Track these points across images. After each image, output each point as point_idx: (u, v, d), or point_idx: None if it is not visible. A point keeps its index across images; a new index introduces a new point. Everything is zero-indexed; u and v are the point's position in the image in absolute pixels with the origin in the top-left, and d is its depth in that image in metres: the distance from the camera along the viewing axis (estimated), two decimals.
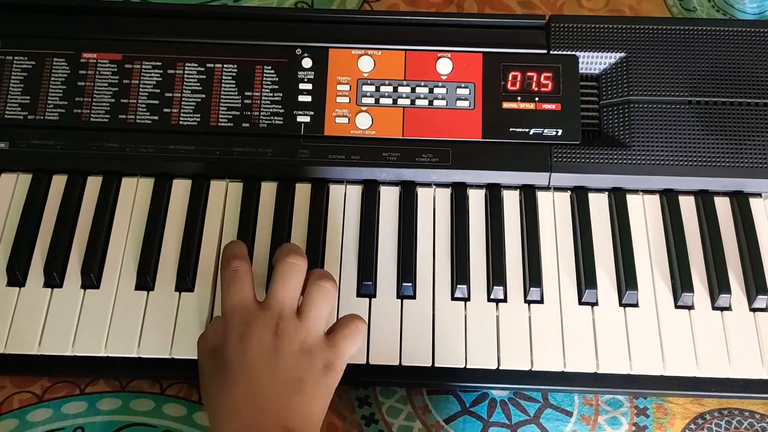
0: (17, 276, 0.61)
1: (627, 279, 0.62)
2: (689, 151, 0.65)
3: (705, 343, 0.60)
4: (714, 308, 0.62)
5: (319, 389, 0.53)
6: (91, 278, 0.61)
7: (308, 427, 0.51)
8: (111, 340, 0.60)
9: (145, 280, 0.62)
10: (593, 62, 0.68)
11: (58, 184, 0.66)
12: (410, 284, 0.62)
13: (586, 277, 0.62)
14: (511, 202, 0.66)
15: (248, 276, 0.56)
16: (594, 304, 0.62)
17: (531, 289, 0.62)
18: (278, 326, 0.53)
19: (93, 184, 0.66)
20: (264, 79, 0.67)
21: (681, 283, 0.62)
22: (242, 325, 0.53)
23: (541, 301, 0.62)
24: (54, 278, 0.62)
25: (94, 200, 0.65)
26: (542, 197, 0.66)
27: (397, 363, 0.60)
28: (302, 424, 0.51)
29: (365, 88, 0.67)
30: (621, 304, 0.62)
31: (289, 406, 0.51)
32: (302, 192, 0.66)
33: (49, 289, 0.62)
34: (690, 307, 0.62)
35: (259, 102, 0.66)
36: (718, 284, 0.62)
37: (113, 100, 0.66)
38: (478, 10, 0.82)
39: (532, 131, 0.66)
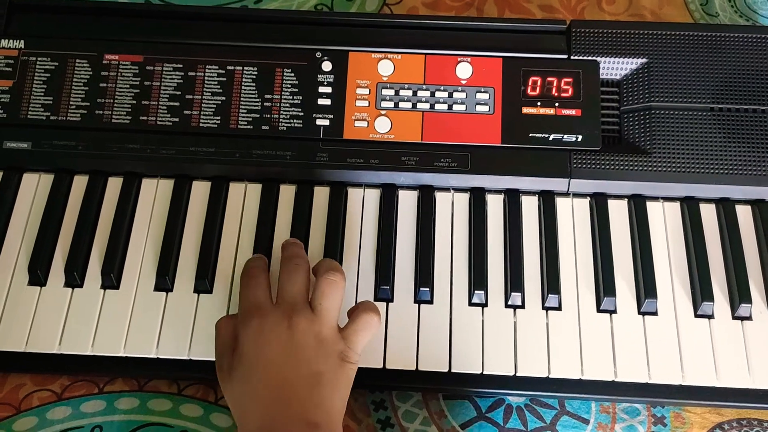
0: (38, 275, 0.62)
1: (646, 287, 0.62)
2: (711, 159, 0.65)
3: (725, 353, 0.60)
4: (734, 318, 0.62)
5: (338, 381, 0.54)
6: (111, 279, 0.62)
7: (330, 419, 0.52)
8: (130, 340, 0.60)
9: (164, 281, 0.62)
10: (614, 68, 0.68)
11: (80, 184, 0.66)
12: (428, 289, 0.62)
13: (604, 285, 0.62)
14: (529, 207, 0.66)
15: (265, 277, 0.58)
16: (612, 311, 0.62)
17: (549, 295, 0.62)
18: (291, 320, 0.54)
19: (114, 185, 0.66)
20: (284, 81, 0.67)
21: (701, 292, 0.61)
22: (257, 324, 0.55)
23: (559, 308, 0.62)
24: (74, 278, 0.62)
25: (114, 201, 0.65)
26: (561, 203, 0.66)
27: (413, 368, 0.60)
28: (325, 417, 0.52)
29: (384, 91, 0.67)
30: (640, 312, 0.62)
31: (311, 400, 0.52)
32: (321, 195, 0.66)
33: (70, 289, 0.62)
34: (710, 317, 0.62)
35: (278, 105, 0.66)
36: (739, 294, 0.61)
37: (134, 102, 0.66)
38: (498, 13, 0.81)
39: (551, 137, 0.66)
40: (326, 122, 0.66)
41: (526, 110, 0.66)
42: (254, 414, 0.52)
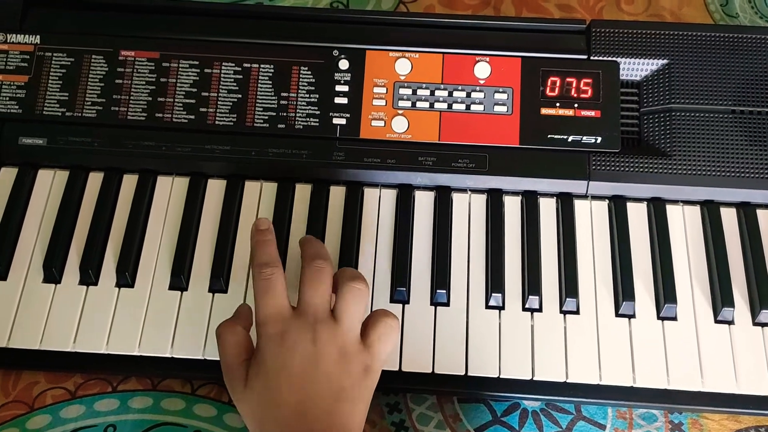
0: (53, 273, 0.62)
1: (666, 292, 0.61)
2: (731, 162, 0.64)
3: (745, 360, 0.59)
4: (755, 324, 0.61)
5: (360, 394, 0.52)
6: (126, 277, 0.62)
7: None
8: (145, 339, 0.60)
9: (179, 280, 0.62)
10: (634, 69, 0.67)
11: (95, 181, 0.66)
12: (444, 291, 0.61)
13: (623, 289, 0.61)
14: (547, 210, 0.65)
15: (281, 282, 0.55)
16: (631, 316, 0.61)
17: (567, 299, 0.61)
18: (316, 332, 0.53)
19: (129, 182, 0.66)
20: (300, 80, 0.66)
21: (721, 297, 0.61)
22: (279, 335, 0.53)
23: (577, 312, 0.61)
24: (89, 276, 0.62)
25: (129, 198, 0.65)
26: (579, 206, 0.65)
27: (429, 371, 0.59)
28: (345, 431, 0.51)
29: (402, 91, 0.66)
30: (659, 318, 0.61)
31: (332, 414, 0.51)
32: (336, 194, 0.66)
33: (85, 287, 0.62)
34: (730, 323, 0.61)
35: (295, 103, 0.66)
36: (760, 299, 0.61)
37: (150, 99, 0.66)
38: (515, 12, 0.81)
39: (570, 138, 0.65)
40: (343, 121, 0.65)
41: (544, 111, 0.65)
42: (273, 427, 0.51)
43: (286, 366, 0.52)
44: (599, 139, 0.65)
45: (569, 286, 0.61)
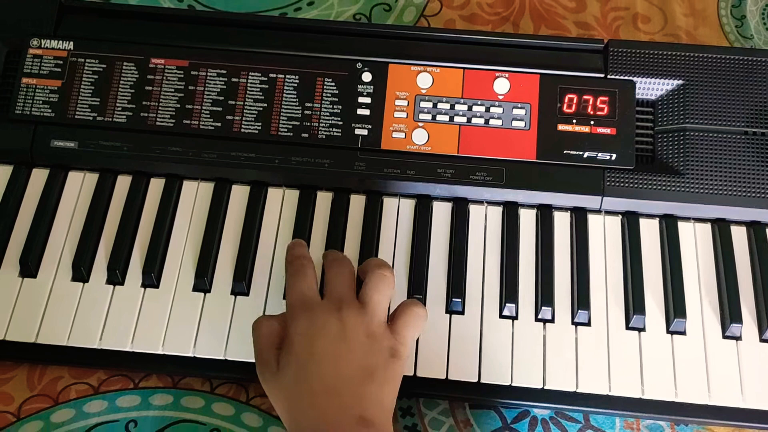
0: (82, 272, 0.64)
1: (676, 307, 0.62)
2: (743, 182, 0.65)
3: (751, 375, 0.61)
4: (762, 340, 0.62)
5: (388, 377, 0.53)
6: (152, 278, 0.63)
7: (382, 415, 0.52)
8: (168, 338, 0.62)
9: (203, 282, 0.63)
10: (650, 88, 0.69)
11: (123, 184, 0.68)
12: (459, 300, 0.63)
13: (634, 303, 0.63)
14: (561, 223, 0.67)
15: (312, 270, 0.58)
16: (641, 329, 0.63)
17: (579, 311, 0.62)
18: (342, 313, 0.54)
19: (156, 186, 0.68)
20: (324, 91, 0.68)
21: (730, 313, 0.62)
22: (307, 319, 0.54)
23: (588, 324, 0.63)
24: (116, 276, 0.64)
25: (156, 202, 0.67)
26: (593, 220, 0.67)
27: (443, 377, 0.61)
28: (377, 412, 0.51)
29: (423, 104, 0.68)
30: (668, 332, 0.63)
31: (363, 395, 0.51)
32: (357, 203, 0.67)
33: (111, 286, 0.64)
34: (738, 338, 0.62)
35: (318, 113, 0.68)
36: (767, 316, 0.62)
37: (178, 106, 0.68)
38: (534, 28, 0.82)
39: (586, 154, 0.66)
40: (365, 132, 0.67)
41: (561, 127, 0.67)
42: (307, 411, 0.51)
43: (316, 346, 0.53)
44: (614, 156, 0.66)
45: (581, 298, 0.63)
